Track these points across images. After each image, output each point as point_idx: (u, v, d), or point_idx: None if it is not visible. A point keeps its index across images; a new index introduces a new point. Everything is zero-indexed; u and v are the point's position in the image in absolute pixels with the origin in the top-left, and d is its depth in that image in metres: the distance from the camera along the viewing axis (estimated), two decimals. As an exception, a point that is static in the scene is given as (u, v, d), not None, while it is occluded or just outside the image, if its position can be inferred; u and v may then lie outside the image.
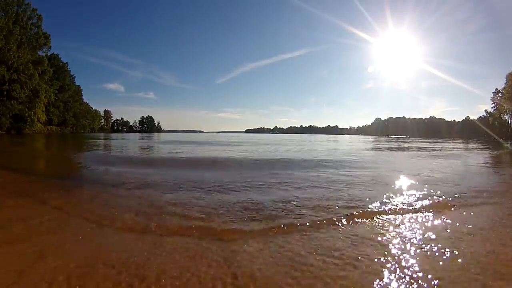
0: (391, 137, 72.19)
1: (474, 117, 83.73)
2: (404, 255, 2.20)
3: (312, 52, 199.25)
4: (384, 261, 2.09)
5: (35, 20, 47.23)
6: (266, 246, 2.34)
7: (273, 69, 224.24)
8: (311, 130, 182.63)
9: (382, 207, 3.54)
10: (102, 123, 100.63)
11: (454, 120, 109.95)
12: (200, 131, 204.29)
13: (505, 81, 59.01)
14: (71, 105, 66.91)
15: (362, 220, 3.05)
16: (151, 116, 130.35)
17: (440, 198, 4.07)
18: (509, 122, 63.20)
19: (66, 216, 3.09)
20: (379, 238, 2.53)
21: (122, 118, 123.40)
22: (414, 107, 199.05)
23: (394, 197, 4.11)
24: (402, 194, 4.30)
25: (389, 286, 1.77)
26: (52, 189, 4.52)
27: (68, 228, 2.73)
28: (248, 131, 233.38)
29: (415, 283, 1.80)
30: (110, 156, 11.41)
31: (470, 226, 2.87)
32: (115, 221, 2.90)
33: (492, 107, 64.39)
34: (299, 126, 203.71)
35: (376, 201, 3.81)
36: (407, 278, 1.87)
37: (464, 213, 3.39)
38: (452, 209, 3.60)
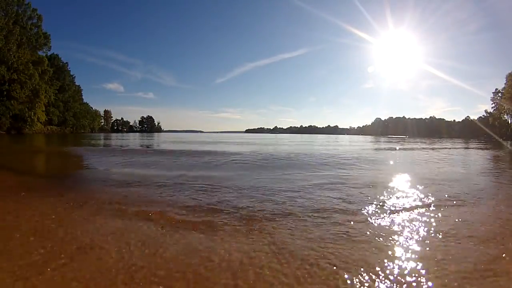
0: (391, 137, 72.05)
1: (474, 117, 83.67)
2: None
3: (312, 52, 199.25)
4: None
5: (35, 20, 47.24)
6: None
7: (273, 69, 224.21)
8: (311, 130, 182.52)
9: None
10: (102, 123, 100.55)
11: (454, 120, 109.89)
12: (200, 131, 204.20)
13: (505, 81, 59.07)
14: (71, 105, 66.86)
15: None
16: (151, 116, 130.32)
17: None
18: (509, 122, 63.16)
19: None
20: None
21: (122, 118, 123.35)
22: (414, 107, 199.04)
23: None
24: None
25: None
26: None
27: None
28: (248, 131, 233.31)
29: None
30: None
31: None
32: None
33: (492, 107, 64.48)
34: (299, 126, 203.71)
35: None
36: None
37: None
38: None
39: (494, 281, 1.91)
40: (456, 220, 3.23)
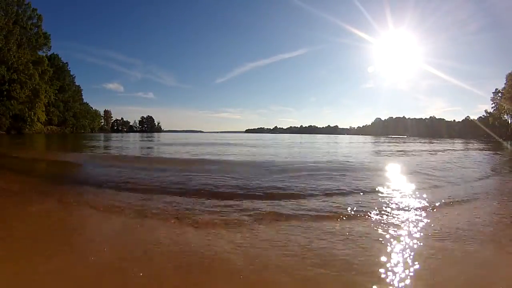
0: (391, 137, 72.00)
1: (474, 117, 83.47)
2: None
3: (312, 52, 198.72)
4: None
5: (35, 20, 47.22)
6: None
7: (273, 69, 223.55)
8: (311, 130, 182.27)
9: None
10: (102, 123, 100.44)
11: (454, 120, 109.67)
12: (200, 131, 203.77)
13: (505, 81, 59.01)
14: (71, 105, 66.80)
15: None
16: (151, 116, 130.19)
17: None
18: (509, 122, 63.08)
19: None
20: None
21: (122, 118, 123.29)
22: (414, 107, 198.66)
23: None
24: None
25: None
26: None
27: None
28: (248, 131, 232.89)
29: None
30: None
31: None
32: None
33: (492, 107, 64.32)
34: (299, 126, 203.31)
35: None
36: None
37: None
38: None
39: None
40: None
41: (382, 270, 2.00)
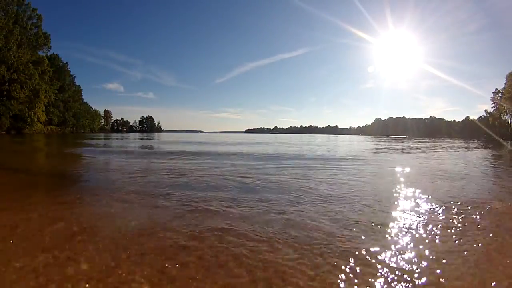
0: (392, 137, 71.76)
1: (474, 117, 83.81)
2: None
3: (312, 52, 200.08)
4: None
5: (35, 20, 47.21)
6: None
7: (273, 69, 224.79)
8: (311, 130, 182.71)
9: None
10: (102, 123, 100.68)
11: (454, 120, 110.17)
12: (200, 131, 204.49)
13: (505, 81, 59.12)
14: (71, 105, 66.90)
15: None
16: (151, 116, 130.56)
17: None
18: (509, 122, 63.23)
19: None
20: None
21: (122, 118, 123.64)
22: (414, 107, 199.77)
23: None
24: None
25: None
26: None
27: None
28: (248, 131, 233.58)
29: None
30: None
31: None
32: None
33: (492, 107, 64.55)
34: (299, 126, 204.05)
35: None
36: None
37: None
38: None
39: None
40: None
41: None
